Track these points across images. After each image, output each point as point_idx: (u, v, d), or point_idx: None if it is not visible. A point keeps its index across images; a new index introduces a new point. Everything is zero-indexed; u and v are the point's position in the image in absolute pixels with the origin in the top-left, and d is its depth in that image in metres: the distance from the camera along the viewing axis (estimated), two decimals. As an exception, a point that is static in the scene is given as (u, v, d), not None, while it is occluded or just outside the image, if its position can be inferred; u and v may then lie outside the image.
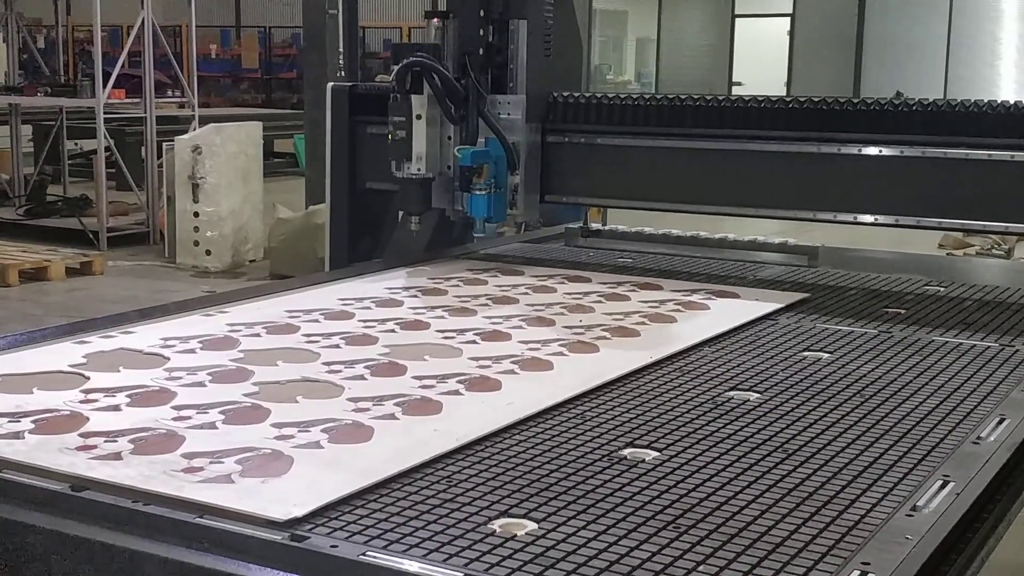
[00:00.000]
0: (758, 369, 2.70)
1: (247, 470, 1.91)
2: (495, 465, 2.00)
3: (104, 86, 11.07)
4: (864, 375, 2.66)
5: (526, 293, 3.48)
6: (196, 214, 10.16)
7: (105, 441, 2.03)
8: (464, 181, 3.80)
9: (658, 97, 4.04)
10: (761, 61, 20.48)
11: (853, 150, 3.72)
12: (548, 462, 2.03)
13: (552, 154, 4.14)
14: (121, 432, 2.08)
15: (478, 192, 3.81)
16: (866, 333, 3.08)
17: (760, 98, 3.88)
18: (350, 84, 4.45)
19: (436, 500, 1.83)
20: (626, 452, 2.10)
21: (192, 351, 2.70)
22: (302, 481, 1.88)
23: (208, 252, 10.17)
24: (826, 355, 2.84)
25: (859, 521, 1.80)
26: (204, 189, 10.08)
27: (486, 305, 3.28)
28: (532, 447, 2.10)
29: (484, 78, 3.95)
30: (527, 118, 4.00)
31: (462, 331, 2.94)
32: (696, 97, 3.97)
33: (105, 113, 11.29)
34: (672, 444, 2.15)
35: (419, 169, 3.80)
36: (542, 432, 2.19)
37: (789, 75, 20.11)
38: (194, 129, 11.19)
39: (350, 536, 1.69)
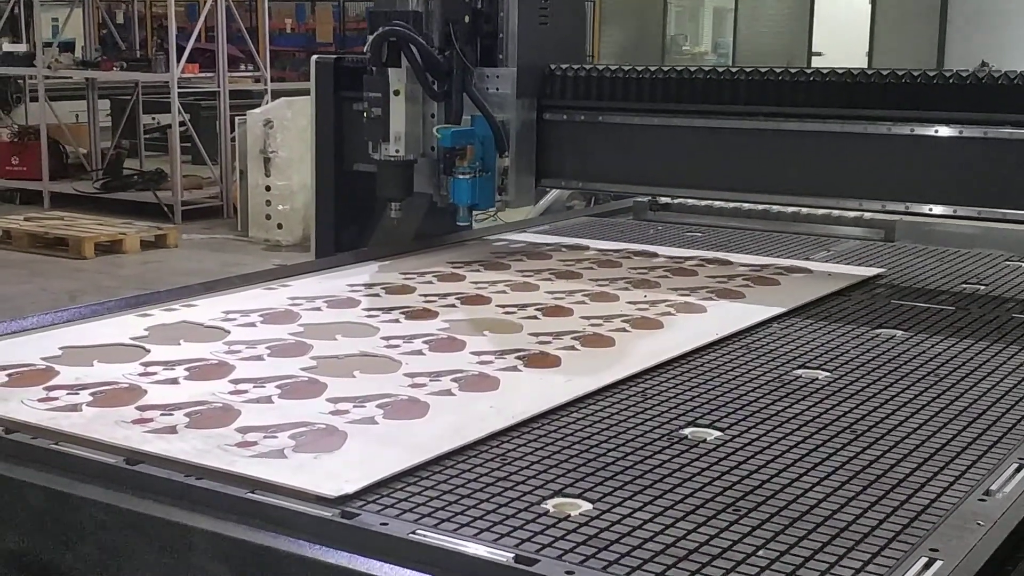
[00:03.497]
0: (828, 347, 2.62)
1: (300, 445, 1.89)
2: (551, 443, 1.96)
3: (178, 61, 11.19)
4: (939, 354, 2.57)
5: (590, 268, 3.42)
6: (268, 188, 10.24)
7: (161, 414, 2.03)
8: (447, 164, 3.46)
9: (665, 70, 3.60)
10: (842, 30, 20.04)
11: (886, 130, 3.25)
12: (606, 441, 1.98)
13: (549, 133, 3.73)
14: (178, 405, 2.07)
15: (461, 176, 3.44)
16: (943, 311, 2.97)
17: (778, 69, 3.42)
18: (335, 56, 4.03)
19: (489, 478, 1.80)
20: (687, 431, 2.04)
21: (252, 324, 2.70)
22: (355, 457, 1.85)
23: (279, 226, 10.25)
24: (900, 333, 2.75)
25: (928, 505, 1.73)
26: (275, 163, 10.16)
27: (549, 280, 3.24)
28: (590, 425, 2.06)
29: (471, 49, 3.56)
30: (518, 93, 3.61)
31: (523, 306, 2.90)
32: (707, 70, 3.53)
33: (180, 88, 11.42)
34: (735, 424, 2.09)
35: (397, 151, 3.48)
36: (601, 410, 2.14)
37: (871, 45, 19.64)
38: (266, 103, 11.28)
39: (401, 514, 1.66)
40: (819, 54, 19.97)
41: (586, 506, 1.71)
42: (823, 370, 2.44)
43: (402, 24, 3.42)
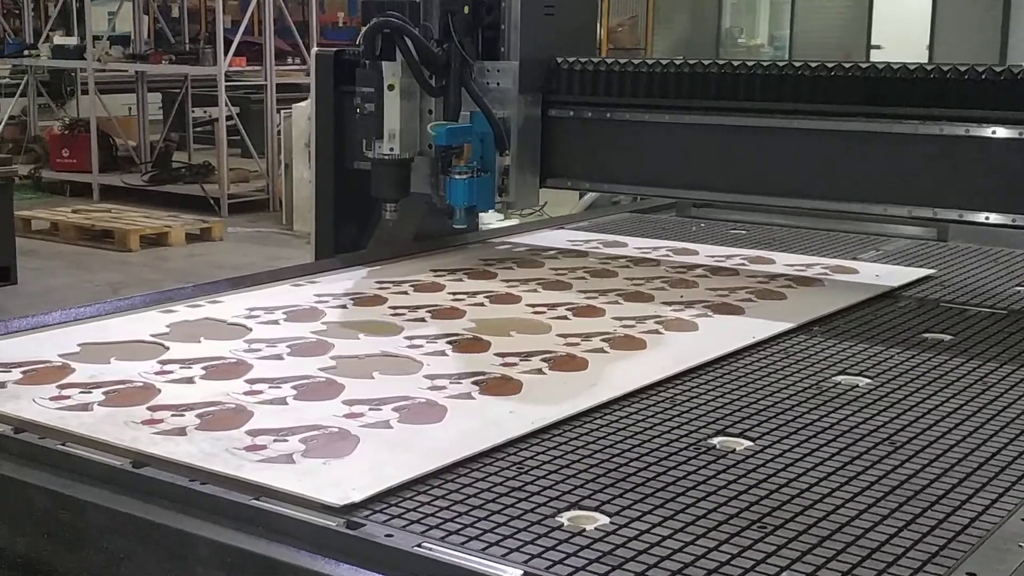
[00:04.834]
0: (871, 352, 2.51)
1: (310, 450, 1.83)
2: (571, 452, 1.88)
3: (226, 55, 11.22)
4: (987, 360, 2.46)
5: (627, 266, 3.33)
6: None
7: (172, 415, 1.97)
8: (444, 163, 3.25)
9: (677, 63, 3.34)
10: (902, 23, 19.69)
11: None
12: (629, 450, 1.90)
13: (555, 130, 3.49)
14: (190, 406, 2.02)
15: (457, 176, 3.22)
16: (994, 314, 2.85)
17: (797, 63, 3.18)
18: (335, 49, 3.71)
19: (503, 488, 1.72)
20: (716, 441, 1.95)
21: (276, 322, 2.64)
22: (365, 463, 1.78)
23: (325, 219, 10.22)
24: (948, 338, 2.64)
25: (968, 525, 1.63)
26: (321, 156, 10.12)
27: (583, 279, 3.15)
28: (613, 433, 1.97)
29: (470, 41, 3.36)
30: (521, 88, 3.38)
31: (554, 306, 2.82)
32: (722, 63, 3.26)
33: (230, 81, 11.45)
34: (767, 433, 2.00)
35: (392, 149, 3.30)
36: (626, 417, 2.06)
37: (931, 38, 19.28)
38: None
39: (408, 525, 1.59)
40: (878, 47, 19.66)
41: (603, 520, 1.62)
42: (864, 377, 2.34)
43: (397, 15, 3.26)
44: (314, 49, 3.85)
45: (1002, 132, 2.91)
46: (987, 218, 2.98)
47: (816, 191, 3.24)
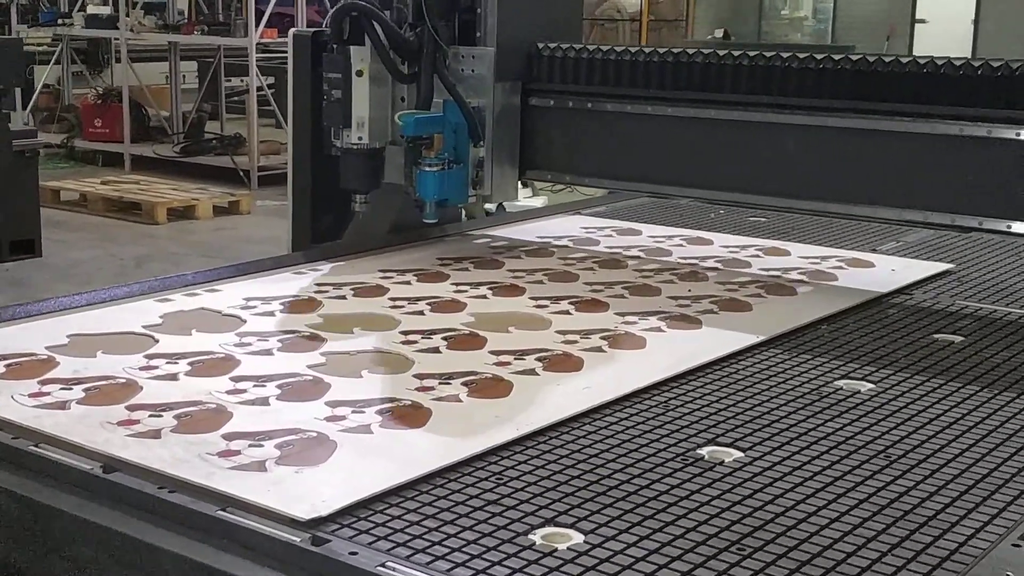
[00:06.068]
0: (877, 354, 2.44)
1: (284, 456, 1.79)
2: (553, 461, 1.83)
3: (257, 26, 11.18)
4: (998, 365, 2.38)
5: (637, 256, 3.27)
6: (342, 155, 10.17)
7: (150, 415, 1.94)
8: (413, 154, 3.12)
9: (661, 51, 3.16)
10: (949, -7, 19.31)
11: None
12: (613, 460, 1.84)
13: (535, 120, 3.33)
14: (169, 405, 1.99)
15: (428, 168, 3.09)
16: (1010, 313, 2.77)
17: (785, 55, 2.99)
18: (313, 31, 3.46)
19: (478, 501, 1.67)
20: (704, 451, 1.90)
21: (271, 314, 2.61)
22: (339, 473, 1.75)
23: (353, 193, 10.18)
24: (959, 339, 2.56)
25: (956, 550, 1.57)
26: (349, 130, 10.06)
27: (591, 269, 3.09)
28: (599, 441, 1.92)
29: (444, 25, 3.18)
30: (497, 76, 3.21)
31: (557, 299, 2.76)
32: (707, 52, 3.10)
33: (265, 51, 11.39)
34: (759, 443, 1.94)
35: (360, 138, 3.15)
36: (615, 423, 2.01)
37: (977, 11, 18.88)
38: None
39: (375, 541, 1.55)
40: (923, 21, 19.32)
41: (577, 538, 1.58)
42: (867, 381, 2.27)
43: None
44: (292, 30, 3.58)
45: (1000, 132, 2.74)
46: (980, 223, 2.86)
47: (806, 190, 3.09)
